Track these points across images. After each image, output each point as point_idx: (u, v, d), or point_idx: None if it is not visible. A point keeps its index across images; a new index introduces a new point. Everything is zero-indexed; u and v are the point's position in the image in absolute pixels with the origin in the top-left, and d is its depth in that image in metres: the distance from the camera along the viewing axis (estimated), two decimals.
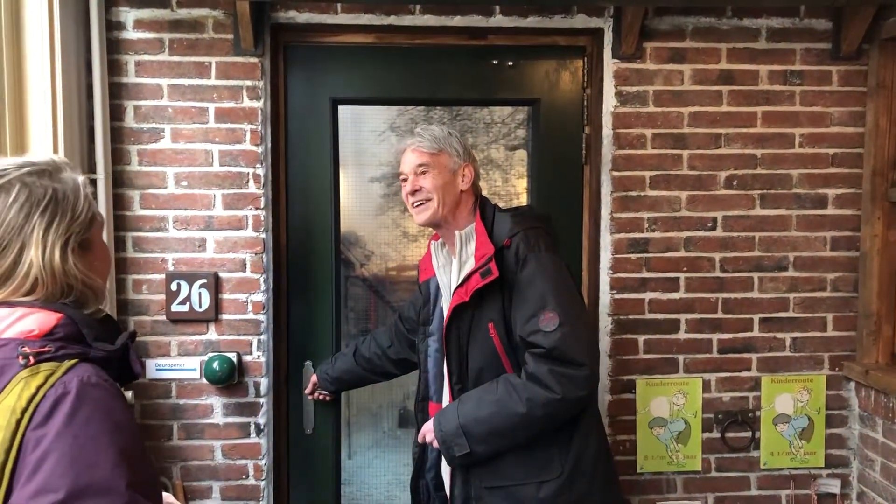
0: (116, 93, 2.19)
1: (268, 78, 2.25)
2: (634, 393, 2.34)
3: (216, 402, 2.25)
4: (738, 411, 2.36)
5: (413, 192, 1.81)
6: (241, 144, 2.23)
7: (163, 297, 2.22)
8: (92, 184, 1.19)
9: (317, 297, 2.36)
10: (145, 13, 2.19)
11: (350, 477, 2.52)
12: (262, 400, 2.26)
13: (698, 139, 2.31)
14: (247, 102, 2.22)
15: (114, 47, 2.18)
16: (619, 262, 2.31)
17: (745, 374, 2.36)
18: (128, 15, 2.19)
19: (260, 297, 2.25)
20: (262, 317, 2.25)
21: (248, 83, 2.22)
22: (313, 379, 2.28)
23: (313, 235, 2.36)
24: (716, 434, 2.36)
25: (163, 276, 2.22)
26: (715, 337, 2.35)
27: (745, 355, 2.36)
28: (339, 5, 2.23)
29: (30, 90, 1.94)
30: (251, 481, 2.26)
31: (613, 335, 2.32)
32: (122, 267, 2.20)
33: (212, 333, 2.25)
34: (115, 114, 2.19)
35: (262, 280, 2.25)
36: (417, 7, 2.25)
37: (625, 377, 2.34)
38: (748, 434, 2.37)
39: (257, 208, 2.24)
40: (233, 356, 2.21)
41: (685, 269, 2.33)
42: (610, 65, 2.29)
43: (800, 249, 2.35)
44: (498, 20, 2.27)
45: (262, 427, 2.26)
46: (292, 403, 2.38)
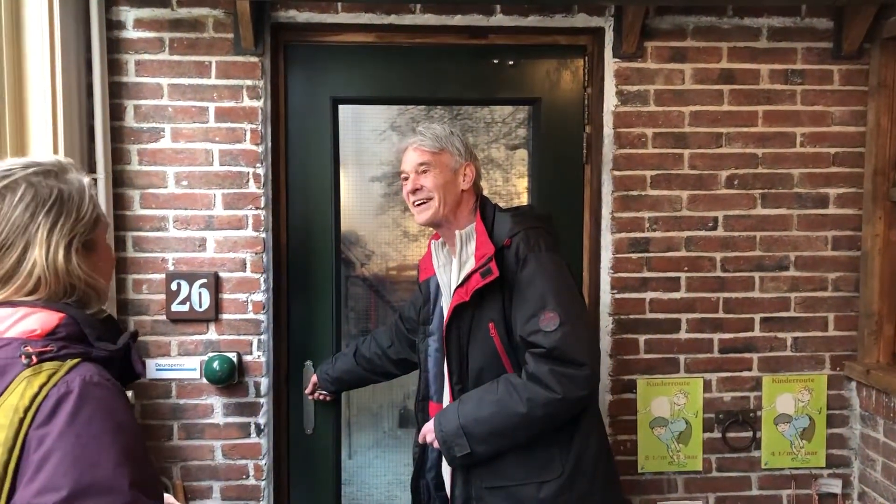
0: (116, 92, 2.19)
1: (268, 77, 2.25)
2: (635, 393, 2.33)
3: (216, 402, 2.25)
4: (739, 411, 2.36)
5: (414, 191, 1.81)
6: (242, 144, 2.22)
7: (163, 296, 2.22)
8: (92, 183, 1.19)
9: (317, 296, 2.36)
10: (145, 12, 2.18)
11: (350, 477, 2.52)
12: (262, 400, 2.26)
13: (699, 138, 2.31)
14: (247, 102, 2.22)
15: (114, 46, 2.18)
16: (619, 262, 2.31)
17: (746, 373, 2.36)
18: (128, 14, 2.19)
19: (260, 296, 2.25)
20: (262, 316, 2.25)
21: (249, 82, 2.21)
22: (313, 379, 2.28)
23: (314, 235, 2.36)
24: (717, 434, 2.36)
25: (163, 275, 2.22)
26: (716, 337, 2.34)
27: (746, 355, 2.35)
28: (339, 4, 2.23)
29: (30, 89, 1.94)
30: (251, 481, 2.26)
31: (614, 335, 2.32)
32: (122, 267, 2.20)
33: (212, 333, 2.24)
34: (116, 113, 2.19)
35: (262, 280, 2.25)
36: (418, 6, 2.25)
37: (625, 377, 2.33)
38: (749, 434, 2.36)
39: (257, 208, 2.23)
40: (233, 356, 2.21)
41: (686, 268, 2.33)
42: (611, 64, 2.28)
43: (801, 249, 2.35)
44: (499, 19, 2.27)
45: (262, 427, 2.26)
46: (292, 403, 2.37)
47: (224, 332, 2.24)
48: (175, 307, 2.21)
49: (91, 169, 2.11)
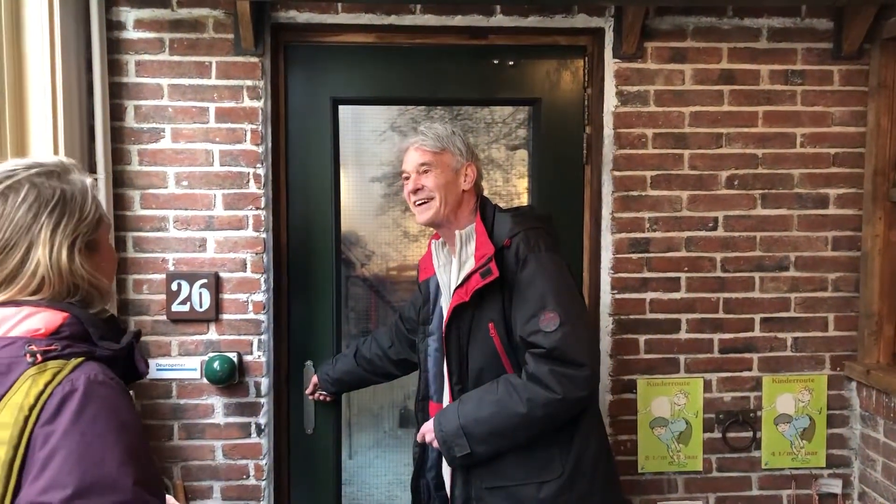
0: (117, 92, 2.19)
1: (268, 78, 2.25)
2: (635, 393, 2.33)
3: (217, 402, 2.25)
4: (739, 411, 2.36)
5: (415, 191, 1.81)
6: (242, 144, 2.22)
7: (163, 296, 2.22)
8: (94, 184, 1.20)
9: (317, 296, 2.36)
10: (145, 13, 2.19)
11: (351, 477, 2.52)
12: (262, 400, 2.26)
13: (699, 139, 2.31)
14: (247, 102, 2.22)
15: (114, 47, 2.18)
16: (620, 262, 2.31)
17: (746, 373, 2.36)
18: (128, 14, 2.19)
19: (260, 296, 2.25)
20: (262, 317, 2.25)
21: (249, 83, 2.21)
22: (314, 379, 2.28)
23: (314, 235, 2.36)
24: (717, 434, 2.36)
25: (163, 276, 2.22)
26: (716, 337, 2.35)
27: (747, 355, 2.35)
28: (339, 5, 2.23)
29: (30, 90, 1.94)
30: (252, 481, 2.26)
31: (614, 335, 2.32)
32: (122, 267, 2.20)
33: (212, 333, 2.24)
34: (116, 113, 2.19)
35: (262, 280, 2.25)
36: (418, 7, 2.25)
37: (626, 377, 2.33)
38: (749, 434, 2.37)
39: (258, 208, 2.24)
40: (233, 356, 2.21)
41: (686, 268, 2.33)
42: (611, 64, 2.29)
43: (801, 249, 2.35)
44: (499, 20, 2.27)
45: (262, 427, 2.26)
46: (293, 403, 2.38)
47: (224, 332, 2.25)
48: (175, 307, 2.22)
49: (91, 169, 2.11)
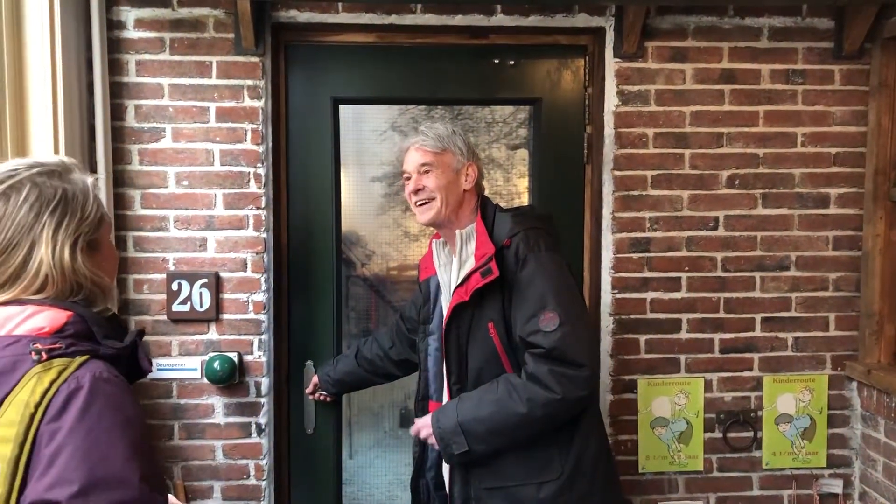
0: (117, 92, 2.19)
1: (269, 77, 2.25)
2: (636, 393, 2.33)
3: (217, 401, 2.25)
4: (739, 411, 2.36)
5: (416, 192, 1.81)
6: (242, 144, 2.22)
7: (164, 296, 2.22)
8: (96, 183, 1.20)
9: (318, 296, 2.36)
10: (146, 12, 2.18)
11: (351, 477, 2.52)
12: (263, 400, 2.26)
13: (700, 138, 2.31)
14: (248, 102, 2.22)
15: (115, 46, 2.18)
16: (620, 262, 2.31)
17: (746, 373, 2.36)
18: (129, 14, 2.19)
19: (261, 296, 2.25)
20: (263, 316, 2.25)
21: (249, 82, 2.21)
22: (314, 379, 2.28)
23: (314, 235, 2.36)
24: (717, 434, 2.36)
25: (164, 275, 2.22)
26: (717, 337, 2.34)
27: (747, 355, 2.35)
28: (339, 4, 2.23)
29: (31, 89, 1.94)
30: (252, 481, 2.26)
31: (615, 335, 2.32)
32: (122, 266, 2.20)
33: (213, 333, 2.24)
34: (116, 113, 2.19)
35: (262, 280, 2.24)
36: (418, 6, 2.24)
37: (626, 377, 2.33)
38: (750, 434, 2.36)
39: (258, 208, 2.23)
40: (234, 356, 2.21)
41: (687, 268, 2.33)
42: (611, 64, 2.28)
43: (802, 249, 2.35)
44: (499, 19, 2.27)
45: (263, 427, 2.26)
46: (293, 403, 2.37)
47: (225, 331, 2.24)
48: (176, 307, 2.21)
49: (92, 169, 2.11)
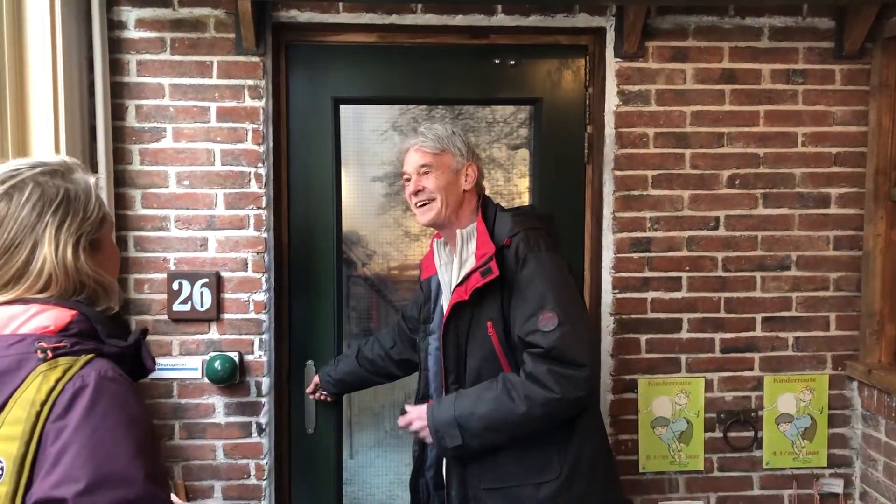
0: (118, 92, 2.19)
1: (269, 77, 2.25)
2: (636, 392, 2.33)
3: (218, 401, 2.25)
4: (740, 411, 2.36)
5: (416, 193, 1.81)
6: (243, 144, 2.23)
7: (164, 296, 2.22)
8: (98, 183, 1.21)
9: (318, 296, 2.36)
10: (147, 12, 2.19)
11: (352, 476, 2.52)
12: (263, 399, 2.26)
13: (701, 138, 2.31)
14: (248, 102, 2.22)
15: (115, 46, 2.18)
16: (621, 262, 2.31)
17: (747, 373, 2.36)
18: (129, 14, 2.19)
19: (261, 296, 2.25)
20: (263, 316, 2.25)
21: (250, 82, 2.21)
22: (315, 379, 2.28)
23: (315, 235, 2.36)
24: (718, 434, 2.36)
25: (164, 275, 2.22)
26: (717, 336, 2.34)
27: (748, 355, 2.35)
28: (340, 4, 2.23)
29: (32, 89, 1.94)
30: (253, 481, 2.26)
31: (615, 334, 2.32)
32: (123, 266, 2.20)
33: (213, 333, 2.24)
34: (117, 113, 2.19)
35: (263, 279, 2.25)
36: (419, 6, 2.25)
37: (627, 377, 2.33)
38: (750, 434, 2.36)
39: (259, 207, 2.24)
40: (234, 355, 2.21)
41: (687, 268, 2.33)
42: (612, 64, 2.28)
43: (802, 249, 2.35)
44: (500, 19, 2.27)
45: (263, 426, 2.26)
46: (294, 403, 2.38)
47: (225, 331, 2.25)
48: (176, 307, 2.22)
49: (93, 169, 2.11)
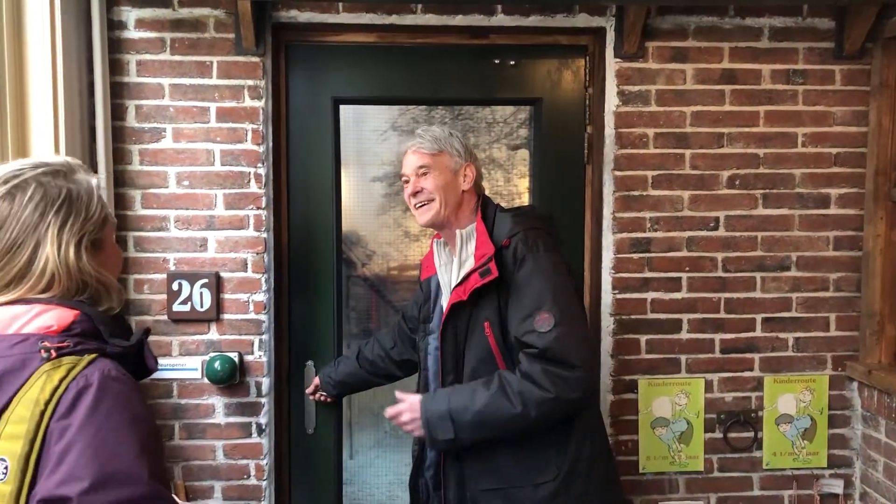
0: (118, 92, 2.19)
1: (269, 77, 2.25)
2: (636, 393, 2.33)
3: (217, 401, 2.25)
4: (740, 411, 2.36)
5: (415, 194, 1.81)
6: (243, 144, 2.22)
7: (164, 296, 2.22)
8: (100, 183, 1.21)
9: (318, 296, 2.36)
10: (147, 12, 2.19)
11: (352, 477, 2.52)
12: (263, 400, 2.26)
13: (701, 139, 2.30)
14: (248, 102, 2.22)
15: (115, 46, 2.18)
16: (621, 262, 2.31)
17: (747, 374, 2.36)
18: (129, 14, 2.19)
19: (261, 296, 2.25)
20: (263, 316, 2.25)
21: (250, 82, 2.21)
22: (315, 380, 2.28)
23: (315, 235, 2.36)
24: (718, 434, 2.36)
25: (164, 275, 2.22)
26: (717, 337, 2.34)
27: (748, 355, 2.35)
28: (340, 4, 2.23)
29: (31, 89, 1.94)
30: (253, 481, 2.26)
31: (615, 335, 2.31)
32: (123, 266, 2.20)
33: (213, 333, 2.24)
34: (117, 113, 2.19)
35: (263, 280, 2.25)
36: (419, 6, 2.24)
37: (627, 377, 2.33)
38: (751, 434, 2.36)
39: (259, 208, 2.24)
40: (234, 356, 2.21)
41: (687, 268, 2.32)
42: (612, 64, 2.28)
43: (802, 249, 2.35)
44: (500, 19, 2.27)
45: (263, 427, 2.26)
46: (294, 403, 2.38)
47: (225, 331, 2.25)
48: (176, 307, 2.22)
49: (92, 169, 2.11)
